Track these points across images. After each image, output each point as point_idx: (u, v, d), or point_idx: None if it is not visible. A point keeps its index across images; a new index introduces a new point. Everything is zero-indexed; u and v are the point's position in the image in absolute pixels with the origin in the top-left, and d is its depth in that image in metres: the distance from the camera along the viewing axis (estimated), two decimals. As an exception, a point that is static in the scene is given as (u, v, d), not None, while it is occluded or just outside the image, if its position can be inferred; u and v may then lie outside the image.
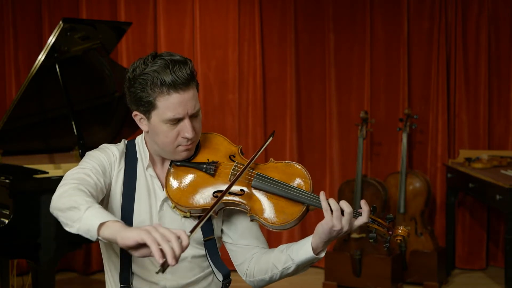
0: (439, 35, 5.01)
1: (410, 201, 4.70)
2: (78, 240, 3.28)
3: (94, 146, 1.95)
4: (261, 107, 5.14)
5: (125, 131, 4.03)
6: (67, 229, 1.60)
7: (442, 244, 4.94)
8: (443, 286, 4.67)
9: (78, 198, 1.60)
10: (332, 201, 1.73)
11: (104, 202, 1.84)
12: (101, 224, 1.51)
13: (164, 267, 1.42)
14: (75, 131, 3.49)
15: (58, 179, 3.20)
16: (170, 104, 1.73)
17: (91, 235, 1.53)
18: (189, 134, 1.77)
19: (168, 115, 1.74)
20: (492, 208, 5.00)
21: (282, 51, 5.15)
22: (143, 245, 1.45)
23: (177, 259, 1.42)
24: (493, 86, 5.06)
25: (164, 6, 5.15)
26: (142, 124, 1.84)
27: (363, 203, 1.76)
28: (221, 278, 1.89)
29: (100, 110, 4.03)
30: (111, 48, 4.01)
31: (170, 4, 5.16)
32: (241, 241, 1.91)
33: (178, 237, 1.45)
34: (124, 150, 1.90)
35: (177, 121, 1.76)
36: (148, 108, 1.77)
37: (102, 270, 5.22)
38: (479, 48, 5.01)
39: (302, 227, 5.09)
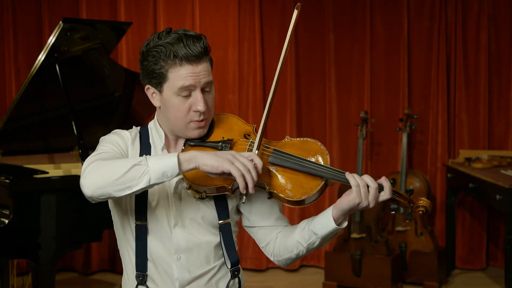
0: (439, 35, 5.01)
1: (410, 201, 4.69)
2: (78, 240, 3.29)
3: (94, 146, 1.93)
4: (261, 107, 5.13)
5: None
6: (126, 192, 1.62)
7: (442, 244, 4.94)
8: (443, 286, 4.67)
9: (123, 161, 1.65)
10: (357, 177, 1.73)
11: None
12: (178, 160, 1.61)
13: (247, 195, 1.66)
14: (75, 131, 3.49)
15: (58, 179, 3.25)
16: (181, 75, 1.74)
17: (170, 174, 1.61)
18: (201, 106, 1.75)
19: (179, 84, 1.74)
20: (492, 208, 5.00)
21: (282, 51, 5.14)
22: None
23: (255, 186, 1.63)
24: (493, 86, 5.06)
25: (164, 6, 5.14)
26: (154, 99, 1.83)
27: (383, 179, 1.75)
28: (229, 266, 1.87)
29: (100, 110, 4.04)
30: (111, 48, 4.01)
31: (170, 4, 5.16)
32: (263, 222, 1.89)
33: (253, 162, 1.63)
34: (138, 134, 1.90)
35: (188, 92, 1.76)
36: (160, 80, 1.76)
37: (102, 270, 5.23)
38: (479, 48, 5.01)
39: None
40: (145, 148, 1.87)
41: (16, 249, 3.14)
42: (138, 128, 1.93)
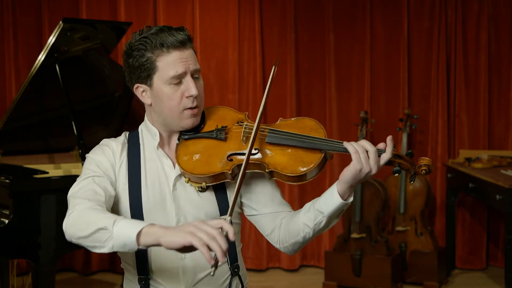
0: (439, 35, 5.01)
1: (410, 201, 4.69)
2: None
3: (94, 146, 1.93)
4: (261, 107, 5.13)
5: (125, 130, 4.03)
6: (97, 251, 1.59)
7: (442, 244, 4.94)
8: (443, 286, 4.67)
9: (97, 219, 1.58)
10: (355, 143, 1.72)
11: (115, 198, 1.82)
12: (138, 234, 1.50)
13: (216, 266, 1.46)
14: (75, 131, 3.49)
15: (58, 179, 3.25)
16: (171, 61, 1.75)
17: (130, 247, 1.52)
18: (193, 91, 1.76)
19: (170, 73, 1.75)
20: (492, 208, 4.99)
21: (282, 51, 5.15)
22: (188, 246, 1.46)
23: (225, 254, 1.44)
24: (493, 86, 5.06)
25: (164, 6, 5.15)
26: (145, 97, 1.83)
27: (389, 139, 1.75)
28: (229, 263, 1.86)
29: (100, 110, 4.04)
30: (111, 48, 4.01)
31: (170, 4, 5.17)
32: (265, 209, 1.87)
33: (221, 228, 1.47)
34: (125, 142, 1.89)
35: (179, 80, 1.77)
36: (149, 72, 1.77)
37: (102, 270, 5.23)
38: (479, 48, 5.01)
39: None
40: (134, 152, 1.86)
41: (16, 249, 3.14)
42: (127, 134, 1.92)
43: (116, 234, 1.53)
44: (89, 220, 1.59)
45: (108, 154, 1.85)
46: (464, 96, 5.05)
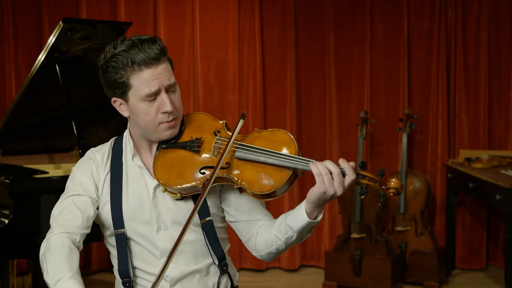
0: (439, 35, 5.01)
1: (410, 201, 4.70)
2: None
3: (94, 146, 1.96)
4: (261, 107, 5.13)
5: (125, 131, 4.03)
6: None
7: (442, 244, 4.94)
8: (443, 286, 4.67)
9: (50, 270, 1.67)
10: (320, 165, 1.69)
11: (98, 207, 1.86)
12: None
13: None
14: (75, 131, 3.49)
15: (58, 179, 3.25)
16: (143, 80, 1.74)
17: None
18: (168, 107, 1.76)
19: (144, 91, 1.75)
20: (492, 208, 4.99)
21: (282, 51, 5.15)
22: None
23: None
24: (493, 86, 5.06)
25: (164, 6, 5.14)
26: (123, 110, 1.85)
27: (341, 161, 1.71)
28: (217, 262, 1.88)
29: (100, 110, 4.03)
30: (111, 48, 4.00)
31: (170, 4, 5.16)
32: (242, 217, 1.88)
33: None
34: (110, 150, 1.91)
35: (154, 96, 1.76)
36: (123, 89, 1.77)
37: (102, 270, 5.23)
38: (479, 48, 5.01)
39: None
40: (116, 160, 1.89)
41: (16, 249, 3.14)
42: (113, 141, 1.94)
43: None
44: (47, 267, 1.68)
45: (93, 171, 1.87)
46: (464, 96, 5.05)
